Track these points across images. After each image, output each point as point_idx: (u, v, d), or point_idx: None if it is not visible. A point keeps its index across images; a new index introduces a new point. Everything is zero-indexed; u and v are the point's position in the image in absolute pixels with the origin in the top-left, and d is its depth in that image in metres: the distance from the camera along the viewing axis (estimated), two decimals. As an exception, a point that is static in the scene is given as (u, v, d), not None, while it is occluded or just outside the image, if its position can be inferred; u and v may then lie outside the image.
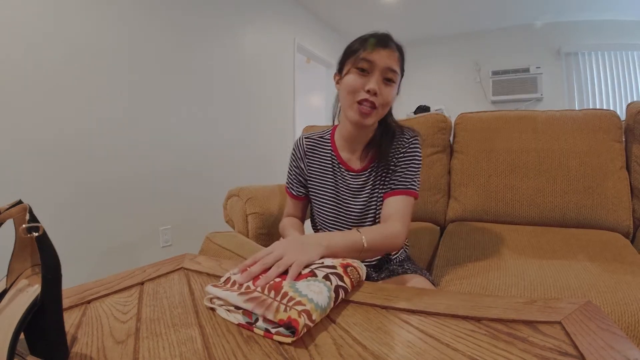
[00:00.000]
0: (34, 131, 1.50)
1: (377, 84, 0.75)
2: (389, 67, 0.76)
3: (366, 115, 0.77)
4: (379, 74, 0.76)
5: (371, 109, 0.76)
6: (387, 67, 0.76)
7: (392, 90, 0.78)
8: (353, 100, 0.77)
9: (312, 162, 0.93)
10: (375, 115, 0.78)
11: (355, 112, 0.78)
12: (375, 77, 0.75)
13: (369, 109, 0.76)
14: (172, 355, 0.36)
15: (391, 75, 0.77)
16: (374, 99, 0.76)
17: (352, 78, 0.77)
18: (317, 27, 3.74)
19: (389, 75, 0.77)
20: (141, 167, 1.95)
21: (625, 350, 0.33)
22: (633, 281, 0.77)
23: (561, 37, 3.75)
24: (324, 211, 0.91)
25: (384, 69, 0.76)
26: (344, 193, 0.88)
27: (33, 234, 0.33)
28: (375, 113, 0.78)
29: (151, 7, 1.98)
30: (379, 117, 0.80)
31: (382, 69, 0.76)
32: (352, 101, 0.78)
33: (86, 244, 1.68)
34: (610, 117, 1.24)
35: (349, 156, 0.89)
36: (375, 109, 0.77)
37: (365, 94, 0.76)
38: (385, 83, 0.77)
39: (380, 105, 0.77)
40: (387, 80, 0.77)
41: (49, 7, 1.54)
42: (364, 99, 0.76)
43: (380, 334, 0.40)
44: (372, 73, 0.76)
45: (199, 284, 0.58)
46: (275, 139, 3.08)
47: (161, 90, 2.05)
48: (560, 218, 1.20)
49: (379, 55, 0.75)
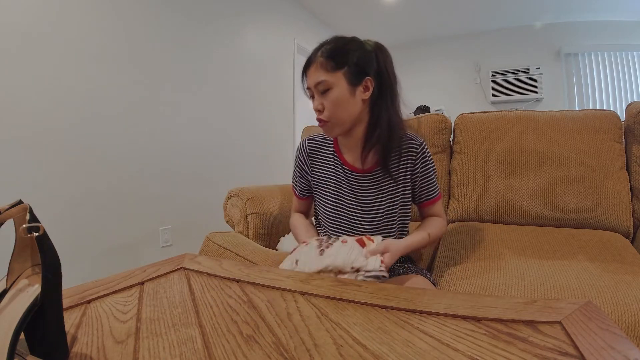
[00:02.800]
0: (34, 131, 1.50)
1: (318, 102, 0.82)
2: (316, 83, 0.81)
3: (324, 128, 0.84)
4: (316, 92, 0.82)
5: (324, 123, 0.83)
6: (315, 83, 0.81)
7: (331, 96, 0.80)
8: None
9: (315, 164, 0.95)
10: (331, 126, 0.83)
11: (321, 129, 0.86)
12: (315, 97, 0.83)
13: (323, 124, 0.83)
14: (172, 355, 0.36)
15: (322, 87, 0.80)
16: (321, 116, 0.82)
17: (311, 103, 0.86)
18: (317, 28, 3.74)
19: (320, 88, 0.81)
20: (141, 168, 1.95)
21: (626, 350, 0.33)
22: (633, 281, 0.77)
23: (561, 37, 3.76)
24: (327, 211, 0.92)
25: (315, 86, 0.81)
26: (346, 193, 0.89)
27: (33, 234, 0.33)
28: (330, 125, 0.83)
29: (151, 7, 1.98)
30: (338, 124, 0.83)
31: (313, 86, 0.82)
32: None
33: (86, 244, 1.68)
34: (610, 118, 1.24)
35: (352, 158, 0.90)
36: (327, 122, 0.82)
37: (317, 114, 0.83)
38: (324, 95, 0.81)
39: (329, 116, 0.81)
40: (323, 92, 0.81)
41: (49, 8, 1.54)
42: (317, 119, 0.84)
43: (381, 334, 0.40)
44: (313, 94, 0.84)
45: (199, 284, 0.58)
46: (275, 139, 3.08)
47: (161, 91, 2.05)
48: (561, 218, 1.20)
49: (308, 77, 0.83)
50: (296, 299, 0.50)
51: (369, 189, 0.88)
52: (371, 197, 0.87)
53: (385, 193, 0.87)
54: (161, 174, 2.06)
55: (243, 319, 0.44)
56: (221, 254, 1.08)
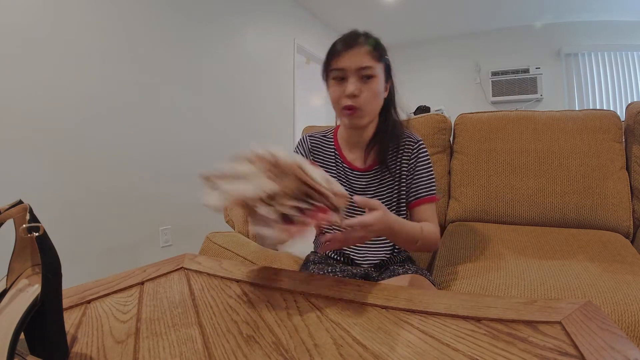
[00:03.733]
0: (34, 131, 1.50)
1: (355, 86, 0.75)
2: (360, 67, 0.76)
3: (352, 116, 0.78)
4: (354, 76, 0.76)
5: (355, 110, 0.77)
6: (358, 67, 0.76)
7: (373, 85, 0.77)
8: (339, 109, 0.79)
9: (316, 161, 0.93)
10: (362, 115, 0.78)
11: (345, 117, 0.80)
12: (351, 81, 0.76)
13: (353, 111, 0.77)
14: (172, 355, 0.36)
15: (367, 72, 0.76)
16: (354, 102, 0.76)
17: (332, 89, 0.80)
18: (317, 28, 3.74)
19: (364, 73, 0.76)
20: (141, 168, 1.95)
21: (626, 350, 0.33)
22: (633, 281, 0.77)
23: (561, 37, 3.76)
24: None
25: (357, 70, 0.76)
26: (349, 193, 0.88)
27: (33, 234, 0.33)
28: (360, 113, 0.78)
29: (151, 8, 1.98)
30: (369, 114, 0.80)
31: (354, 70, 0.76)
32: (338, 110, 0.80)
33: (86, 244, 1.68)
34: (610, 118, 1.24)
35: (352, 156, 0.89)
36: (361, 110, 0.77)
37: (346, 100, 0.77)
38: (364, 81, 0.77)
39: (364, 104, 0.77)
40: (366, 78, 0.76)
41: (49, 8, 1.54)
42: (345, 106, 0.77)
43: (381, 334, 0.40)
44: (347, 78, 0.77)
45: (199, 284, 0.58)
46: (276, 139, 3.08)
47: (161, 91, 2.05)
48: (560, 218, 1.20)
49: (347, 58, 0.76)
50: (296, 299, 0.50)
51: (368, 188, 0.87)
52: (370, 196, 0.86)
53: (384, 192, 0.87)
54: (161, 174, 2.06)
55: (243, 319, 0.44)
56: (221, 254, 1.08)
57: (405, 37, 4.38)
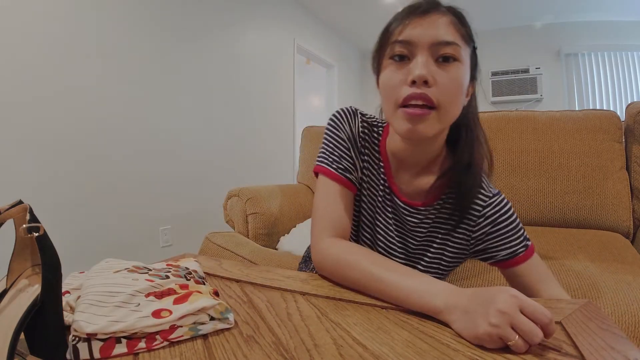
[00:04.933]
0: (34, 131, 1.50)
1: (426, 68, 0.48)
2: (437, 41, 0.49)
3: (418, 118, 0.49)
4: (426, 55, 0.49)
5: (425, 109, 0.49)
6: (435, 41, 0.49)
7: (455, 72, 0.50)
8: (395, 105, 0.51)
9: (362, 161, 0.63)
10: (435, 119, 0.50)
11: (401, 119, 0.51)
12: (419, 60, 0.49)
13: (421, 109, 0.49)
14: (172, 355, 0.36)
15: (448, 50, 0.49)
16: (427, 90, 0.49)
17: (389, 74, 0.53)
18: (317, 28, 3.74)
19: (443, 52, 0.49)
20: (141, 168, 1.95)
21: (626, 350, 0.33)
22: (633, 281, 0.77)
23: (561, 38, 3.76)
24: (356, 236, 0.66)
25: (432, 45, 0.49)
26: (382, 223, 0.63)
27: (33, 234, 0.33)
28: (434, 115, 0.50)
29: (150, 7, 1.98)
30: (444, 121, 0.52)
31: (428, 45, 0.49)
32: (393, 105, 0.52)
33: (86, 244, 1.68)
34: (610, 118, 1.24)
35: (397, 175, 0.62)
36: (434, 109, 0.49)
37: (409, 89, 0.49)
38: (440, 65, 0.50)
39: (441, 100, 0.49)
40: (444, 60, 0.50)
41: (49, 7, 1.54)
42: (409, 96, 0.49)
43: (381, 334, 0.40)
44: (414, 56, 0.50)
45: (199, 284, 0.58)
46: (275, 140, 3.08)
47: (161, 91, 2.05)
48: (561, 218, 1.20)
49: (419, 28, 0.50)
50: (296, 299, 0.50)
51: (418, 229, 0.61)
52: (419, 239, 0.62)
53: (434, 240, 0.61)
54: (161, 174, 2.06)
55: (243, 319, 0.44)
56: (221, 254, 1.08)
57: (405, 37, 4.37)
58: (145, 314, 0.37)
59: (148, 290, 0.41)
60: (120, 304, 0.38)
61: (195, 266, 0.56)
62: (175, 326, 0.38)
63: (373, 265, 0.49)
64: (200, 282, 0.49)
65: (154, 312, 0.38)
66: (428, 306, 0.43)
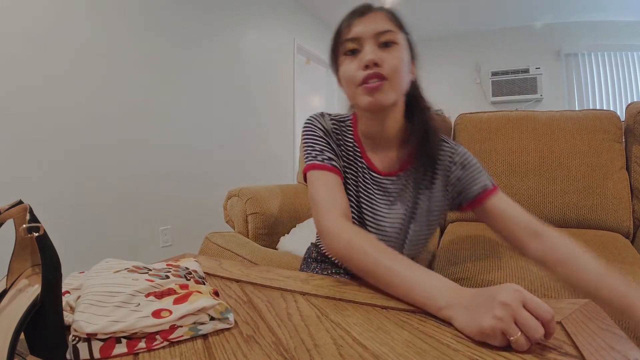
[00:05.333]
0: (34, 131, 1.50)
1: (373, 54, 0.61)
2: (378, 31, 0.62)
3: (376, 89, 0.61)
4: (371, 43, 0.63)
5: (380, 81, 0.61)
6: (376, 31, 0.62)
7: (396, 52, 0.63)
8: (356, 85, 0.63)
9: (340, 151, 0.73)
10: (389, 88, 0.62)
11: (363, 95, 0.63)
12: (367, 48, 0.62)
13: (377, 82, 0.61)
14: (172, 355, 0.36)
15: (387, 37, 0.63)
16: (377, 69, 0.61)
17: (345, 66, 0.65)
18: (317, 28, 3.74)
19: (383, 38, 0.63)
20: (141, 167, 1.95)
21: (626, 350, 0.33)
22: (633, 281, 0.77)
23: (561, 37, 3.76)
24: None
25: (374, 35, 0.62)
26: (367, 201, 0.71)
27: (33, 234, 0.33)
28: (387, 85, 0.62)
29: (150, 7, 1.98)
30: (396, 90, 0.63)
31: (371, 36, 0.63)
32: (354, 87, 0.64)
33: (86, 244, 1.68)
34: (610, 118, 1.24)
35: (372, 155, 0.72)
36: (386, 80, 0.61)
37: (364, 72, 0.62)
38: (383, 49, 0.63)
39: (390, 73, 0.61)
40: (385, 45, 0.63)
41: (50, 9, 1.54)
42: (365, 77, 0.61)
43: (381, 334, 0.40)
44: (363, 47, 0.63)
45: (199, 284, 0.58)
46: (275, 140, 3.08)
47: (161, 91, 2.05)
48: (560, 218, 1.20)
49: (362, 25, 0.64)
50: (296, 299, 0.50)
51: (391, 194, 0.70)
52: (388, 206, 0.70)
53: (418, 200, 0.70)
54: (161, 174, 2.06)
55: (243, 319, 0.44)
56: (221, 254, 1.08)
57: (405, 37, 4.38)
58: (145, 314, 0.37)
59: (148, 290, 0.41)
60: (120, 304, 0.38)
61: (195, 266, 0.56)
62: (175, 326, 0.38)
63: (382, 254, 0.52)
64: (200, 282, 0.49)
65: (154, 312, 0.38)
66: (430, 302, 0.44)
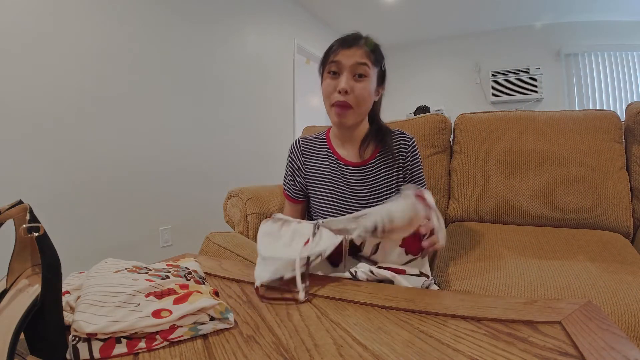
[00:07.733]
0: (34, 131, 1.50)
1: (347, 82, 0.78)
2: (356, 63, 0.78)
3: (341, 115, 0.80)
4: (348, 73, 0.78)
5: (345, 108, 0.79)
6: (354, 62, 0.78)
7: (365, 84, 0.79)
8: (329, 104, 0.82)
9: (309, 161, 0.96)
10: (352, 115, 0.81)
11: (333, 114, 0.82)
12: (344, 77, 0.78)
13: (343, 109, 0.79)
14: (172, 355, 0.36)
15: (361, 70, 0.78)
16: (346, 98, 0.78)
17: (326, 82, 0.82)
18: (317, 28, 3.74)
19: (358, 71, 0.78)
20: (141, 167, 1.95)
21: (626, 350, 0.33)
22: (633, 281, 0.77)
23: (561, 37, 3.76)
24: (324, 208, 0.92)
25: (352, 66, 0.78)
26: (343, 189, 0.89)
27: (33, 234, 0.33)
28: (351, 112, 0.80)
29: (150, 8, 1.98)
30: (357, 115, 0.82)
31: (349, 66, 0.78)
32: (328, 105, 0.83)
33: (86, 244, 1.68)
34: (610, 118, 1.24)
35: (345, 152, 0.91)
36: (351, 108, 0.79)
37: (337, 96, 0.79)
38: (356, 79, 0.79)
39: (355, 103, 0.79)
40: (359, 76, 0.79)
41: (50, 8, 1.54)
42: (336, 102, 0.79)
43: (381, 334, 0.40)
44: (342, 73, 0.79)
45: (199, 284, 0.58)
46: (276, 140, 3.08)
47: (161, 91, 2.05)
48: (560, 218, 1.20)
49: (345, 54, 0.79)
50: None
51: (365, 182, 0.88)
52: (367, 189, 0.88)
53: (382, 184, 0.88)
54: (161, 174, 2.06)
55: (243, 319, 0.44)
56: (221, 254, 1.08)
57: (405, 37, 4.38)
58: (145, 314, 0.37)
59: (148, 290, 0.41)
60: (120, 304, 0.38)
61: (195, 266, 0.56)
62: (175, 326, 0.38)
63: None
64: (200, 282, 0.49)
65: (154, 312, 0.38)
66: None
